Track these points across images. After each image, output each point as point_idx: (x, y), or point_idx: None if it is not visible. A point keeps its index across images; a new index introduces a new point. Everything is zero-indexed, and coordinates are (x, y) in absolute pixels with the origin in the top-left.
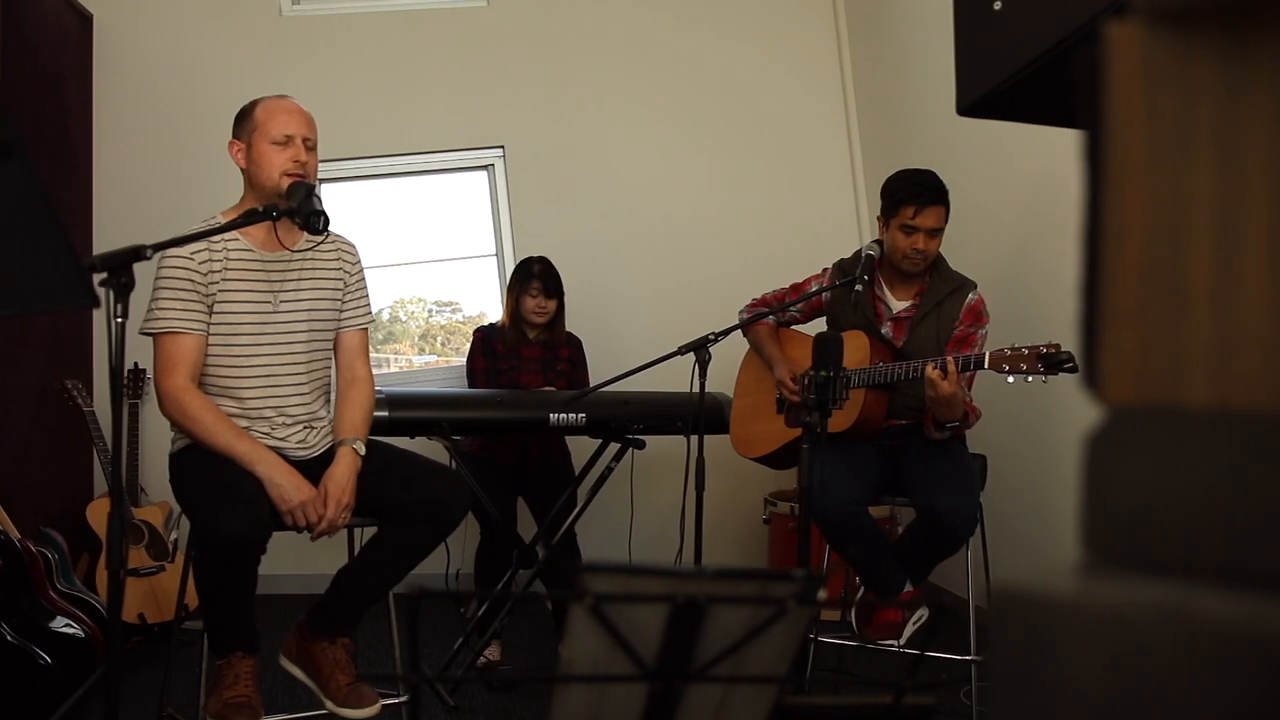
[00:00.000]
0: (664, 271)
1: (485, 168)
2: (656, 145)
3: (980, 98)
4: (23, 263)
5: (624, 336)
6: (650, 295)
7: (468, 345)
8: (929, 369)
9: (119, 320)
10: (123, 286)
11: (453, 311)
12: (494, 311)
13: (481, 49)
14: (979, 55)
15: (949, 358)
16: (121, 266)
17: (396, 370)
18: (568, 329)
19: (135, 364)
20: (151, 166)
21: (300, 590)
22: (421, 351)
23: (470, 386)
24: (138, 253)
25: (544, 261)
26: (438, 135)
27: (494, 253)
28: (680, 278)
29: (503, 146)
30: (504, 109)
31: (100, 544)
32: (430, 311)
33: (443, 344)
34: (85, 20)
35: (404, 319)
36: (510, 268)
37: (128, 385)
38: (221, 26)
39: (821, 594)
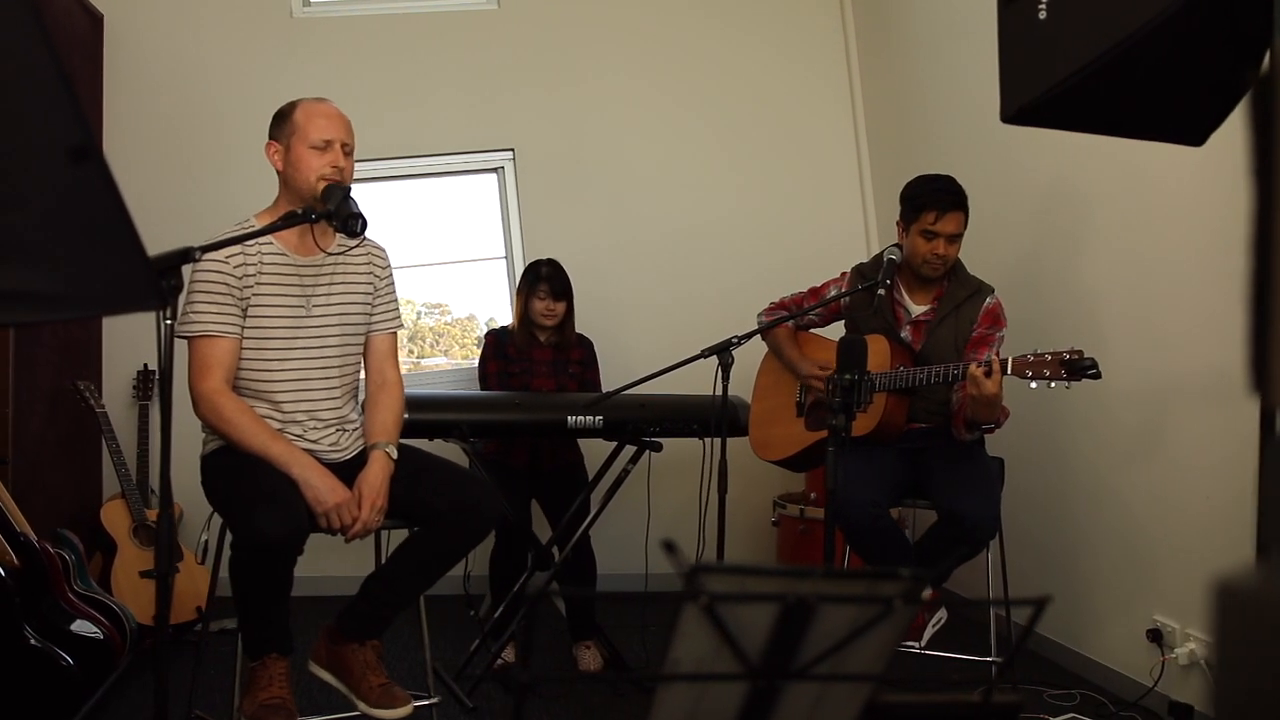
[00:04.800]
0: (673, 274)
1: (495, 170)
2: (666, 148)
3: (1024, 105)
4: (96, 266)
5: (633, 339)
6: (659, 298)
7: (456, 348)
8: (973, 368)
9: (168, 322)
10: (172, 288)
11: (441, 314)
12: (484, 314)
13: (492, 51)
14: (1024, 64)
15: (994, 357)
16: (171, 269)
17: None
18: (578, 331)
19: (145, 365)
20: (161, 167)
21: (317, 592)
22: (410, 354)
23: (482, 389)
24: (187, 254)
25: (552, 264)
26: (448, 137)
27: (503, 255)
28: (689, 281)
29: (513, 149)
30: (514, 111)
31: (114, 545)
32: (419, 314)
33: (431, 346)
34: (96, 21)
35: None
36: (520, 270)
37: (138, 386)
38: (232, 27)
39: (925, 594)
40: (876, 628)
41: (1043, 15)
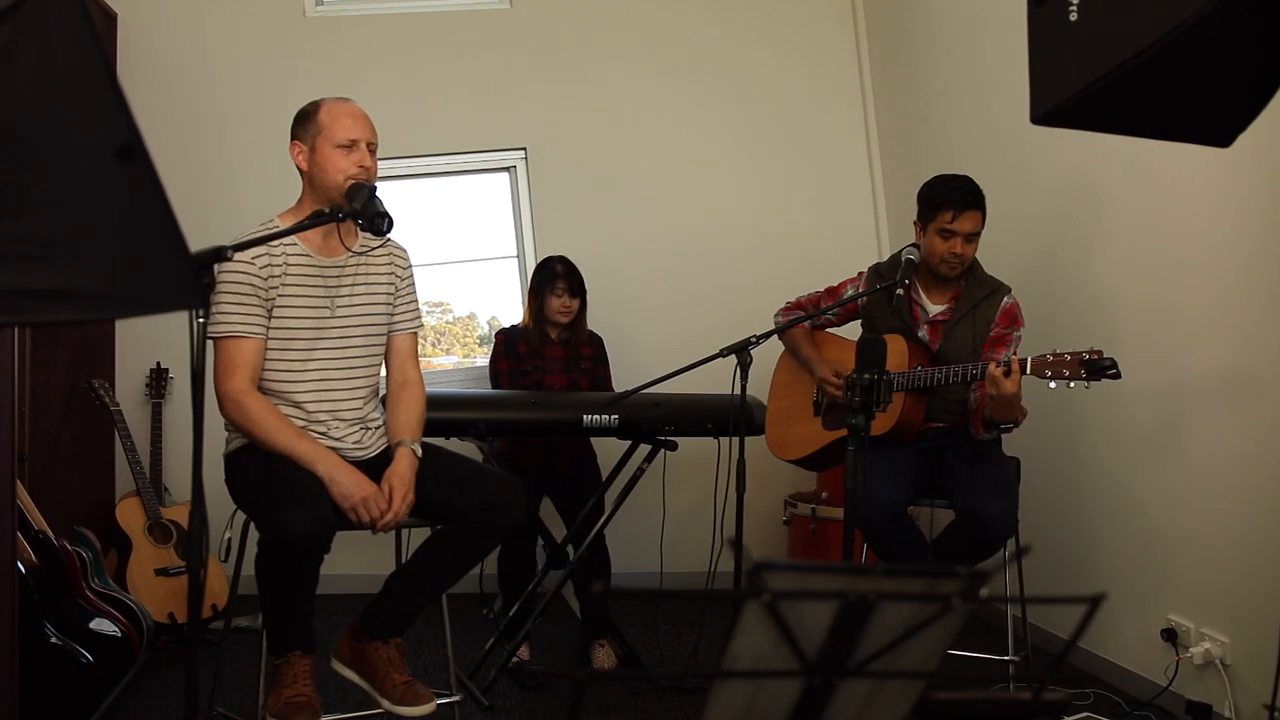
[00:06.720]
0: (685, 274)
1: (507, 169)
2: (678, 148)
3: (1055, 107)
4: (139, 265)
5: (644, 338)
6: (670, 297)
7: (458, 346)
8: (992, 367)
9: (200, 321)
10: (204, 288)
11: (443, 312)
12: (485, 312)
13: (504, 51)
14: (1054, 65)
15: (1013, 356)
16: (204, 267)
17: None
18: (589, 328)
19: (157, 363)
20: (175, 166)
21: (336, 590)
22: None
23: (494, 388)
24: (219, 253)
25: (565, 261)
26: (460, 137)
27: (515, 254)
28: (698, 279)
29: (525, 148)
30: (526, 111)
31: (129, 543)
32: (420, 312)
33: (433, 345)
34: (110, 19)
35: None
36: (531, 269)
37: (150, 385)
38: (246, 26)
39: (984, 591)
40: (932, 626)
41: (1074, 16)
